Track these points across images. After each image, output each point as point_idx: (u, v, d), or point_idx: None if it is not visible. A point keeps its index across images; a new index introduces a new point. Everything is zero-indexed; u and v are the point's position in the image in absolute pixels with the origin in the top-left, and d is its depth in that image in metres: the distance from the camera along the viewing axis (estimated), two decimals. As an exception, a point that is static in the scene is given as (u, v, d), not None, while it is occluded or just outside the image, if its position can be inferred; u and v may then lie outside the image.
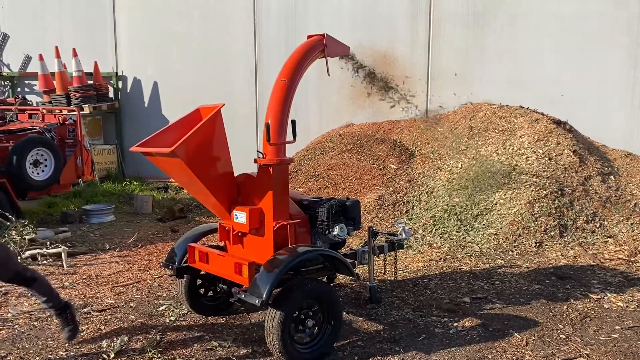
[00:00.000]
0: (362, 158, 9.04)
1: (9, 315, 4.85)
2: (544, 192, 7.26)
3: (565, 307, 4.96)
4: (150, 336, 4.38)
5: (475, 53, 9.78)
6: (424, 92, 10.22)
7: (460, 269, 6.04)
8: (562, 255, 6.41)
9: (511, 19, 9.52)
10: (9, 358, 3.98)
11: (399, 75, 10.39)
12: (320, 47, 4.67)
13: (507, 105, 9.22)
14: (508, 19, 9.55)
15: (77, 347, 4.20)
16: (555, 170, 7.61)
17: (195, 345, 4.24)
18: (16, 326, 4.60)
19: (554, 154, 7.88)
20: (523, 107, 9.08)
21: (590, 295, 5.24)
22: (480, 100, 9.63)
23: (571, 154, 7.88)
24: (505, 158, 7.99)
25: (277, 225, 4.17)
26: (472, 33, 9.80)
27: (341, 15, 10.55)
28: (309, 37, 4.77)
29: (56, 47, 11.62)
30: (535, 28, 9.35)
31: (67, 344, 4.18)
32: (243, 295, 3.86)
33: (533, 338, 4.34)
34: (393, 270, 5.34)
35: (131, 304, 5.13)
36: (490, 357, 4.05)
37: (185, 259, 4.59)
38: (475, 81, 9.81)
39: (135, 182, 11.41)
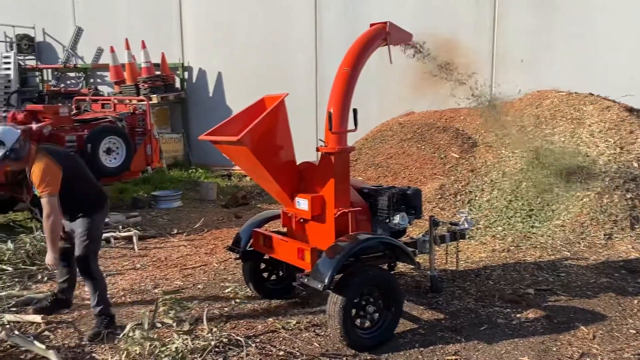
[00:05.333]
0: (422, 147, 8.96)
1: (86, 294, 5.16)
2: (615, 182, 6.96)
3: (635, 301, 4.78)
4: (216, 317, 4.57)
5: (543, 37, 9.45)
6: (488, 78, 9.99)
7: (524, 260, 5.92)
8: (633, 248, 6.15)
9: (582, 1, 9.13)
10: (86, 333, 4.25)
11: (462, 61, 10.17)
12: (383, 35, 4.67)
13: (575, 93, 8.87)
14: (579, 0, 9.16)
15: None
16: (627, 160, 7.28)
17: (260, 326, 4.39)
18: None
19: (626, 143, 7.52)
20: (593, 95, 8.71)
21: (664, 290, 5.02)
22: (548, 87, 9.30)
23: (645, 142, 7.51)
24: (573, 147, 7.71)
25: (338, 213, 4.23)
26: (540, 16, 9.47)
27: (404, 1, 10.44)
28: (371, 25, 4.77)
29: (126, 40, 12.12)
30: (608, 10, 8.93)
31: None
32: (306, 280, 3.96)
33: (601, 332, 4.22)
34: (454, 260, 5.30)
35: (199, 286, 5.36)
36: (554, 349, 3.98)
37: (250, 243, 4.75)
38: (542, 67, 9.50)
39: (200, 170, 11.79)
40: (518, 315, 4.52)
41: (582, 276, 5.41)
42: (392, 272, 4.99)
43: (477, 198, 7.68)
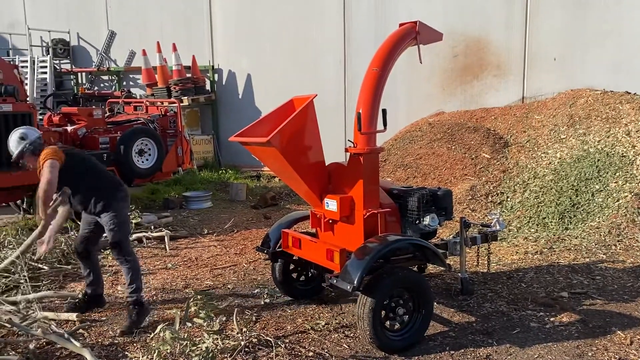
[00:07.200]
0: (453, 147, 8.86)
1: (119, 293, 5.26)
2: (653, 183, 6.76)
3: (675, 306, 4.63)
4: (246, 317, 4.59)
5: (576, 35, 9.25)
6: (520, 78, 9.83)
7: (557, 262, 5.79)
8: (672, 251, 5.97)
9: (618, -3, 8.91)
10: (118, 331, 4.33)
11: (493, 60, 10.05)
12: (413, 35, 4.62)
13: (611, 91, 8.66)
14: (613, -3, 8.94)
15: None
16: (666, 159, 7.06)
17: (289, 327, 4.40)
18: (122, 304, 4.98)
19: (665, 143, 7.31)
20: (629, 93, 8.49)
21: None
22: (582, 86, 9.11)
23: (685, 142, 7.27)
24: (609, 147, 7.53)
25: (368, 214, 4.21)
26: (573, 14, 9.27)
27: (432, 0, 10.35)
28: (400, 25, 4.74)
29: (158, 43, 12.31)
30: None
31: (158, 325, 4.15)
32: (335, 281, 3.95)
33: (639, 337, 4.10)
34: (486, 262, 5.22)
35: (228, 286, 5.40)
36: (590, 354, 3.88)
37: (279, 244, 4.76)
38: (576, 66, 9.29)
39: (230, 171, 11.91)
40: (552, 319, 4.43)
41: (618, 279, 5.27)
42: (423, 274, 4.94)
43: (508, 199, 7.56)
